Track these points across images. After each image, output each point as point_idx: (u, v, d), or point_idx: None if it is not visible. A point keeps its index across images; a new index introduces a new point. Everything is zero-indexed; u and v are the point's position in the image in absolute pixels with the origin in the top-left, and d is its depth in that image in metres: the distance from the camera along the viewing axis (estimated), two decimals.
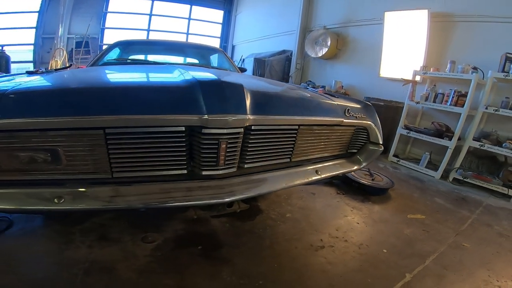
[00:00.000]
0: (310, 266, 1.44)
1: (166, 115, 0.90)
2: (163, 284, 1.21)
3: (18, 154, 0.82)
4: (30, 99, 0.84)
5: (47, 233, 1.54)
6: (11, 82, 1.16)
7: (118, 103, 0.87)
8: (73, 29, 7.42)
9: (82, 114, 0.81)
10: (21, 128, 0.79)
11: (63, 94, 0.90)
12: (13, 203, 0.84)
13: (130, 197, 0.92)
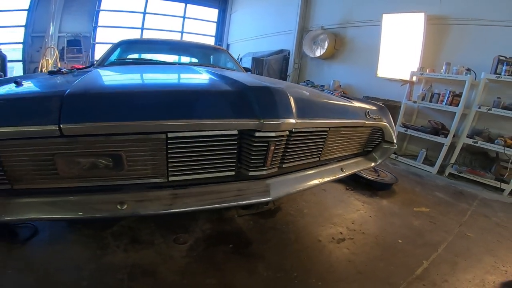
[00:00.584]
0: (336, 257, 1.55)
1: (225, 120, 0.95)
2: (207, 283, 1.26)
3: (80, 160, 0.84)
4: (94, 103, 0.85)
5: (78, 238, 1.53)
6: (56, 84, 1.19)
7: (180, 107, 0.91)
8: (64, 27, 7.19)
9: (147, 119, 0.84)
10: (87, 134, 0.81)
11: (129, 98, 0.91)
12: (75, 212, 0.85)
13: (188, 199, 0.97)
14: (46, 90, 1.03)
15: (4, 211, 0.80)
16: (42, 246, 1.46)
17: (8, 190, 0.83)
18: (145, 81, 1.34)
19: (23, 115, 0.75)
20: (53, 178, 0.84)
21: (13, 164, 0.80)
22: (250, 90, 1.03)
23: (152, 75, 1.47)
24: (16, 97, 0.83)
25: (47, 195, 0.85)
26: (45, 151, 0.79)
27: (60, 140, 0.78)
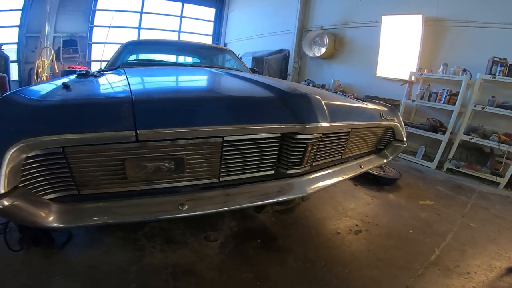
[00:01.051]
0: (356, 247, 1.68)
1: (272, 124, 1.05)
2: (244, 278, 1.36)
3: (146, 164, 0.90)
4: (163, 109, 0.90)
5: (113, 241, 1.57)
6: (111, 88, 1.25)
7: (234, 113, 1.01)
8: (60, 27, 7.06)
9: (208, 124, 0.92)
10: (159, 139, 0.87)
11: (192, 104, 0.98)
12: (141, 215, 0.91)
13: (239, 198, 1.06)
14: (109, 94, 1.08)
15: (73, 218, 0.84)
16: (80, 250, 1.50)
17: (75, 196, 0.88)
18: (192, 86, 1.42)
19: (97, 121, 0.79)
20: (119, 183, 0.91)
21: (82, 170, 0.85)
22: (292, 97, 1.14)
23: (188, 79, 1.55)
24: (88, 103, 0.87)
25: (114, 200, 0.90)
26: (116, 156, 0.86)
27: (133, 145, 0.85)
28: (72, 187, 0.86)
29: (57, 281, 1.26)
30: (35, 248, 1.40)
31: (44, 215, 0.78)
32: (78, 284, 1.25)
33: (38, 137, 0.71)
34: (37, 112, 0.77)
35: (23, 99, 0.82)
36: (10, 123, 0.74)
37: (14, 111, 0.77)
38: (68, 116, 0.78)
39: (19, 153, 0.71)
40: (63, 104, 0.83)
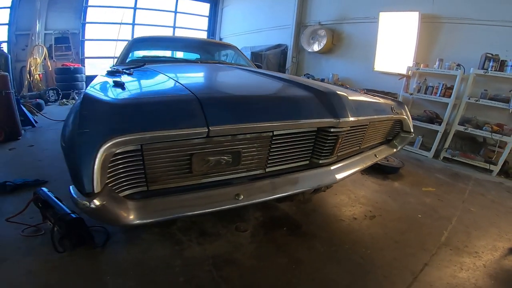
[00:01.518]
0: (373, 230, 1.83)
1: (311, 119, 1.16)
2: (280, 262, 1.47)
3: (209, 158, 0.98)
4: (227, 107, 0.99)
5: (150, 237, 1.61)
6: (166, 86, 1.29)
7: (282, 110, 1.11)
8: (50, 24, 6.84)
9: (262, 120, 1.02)
10: (225, 134, 0.95)
11: (249, 102, 1.08)
12: (205, 207, 0.97)
13: (285, 186, 1.17)
14: (173, 93, 1.11)
15: (150, 214, 0.89)
16: (121, 248, 1.53)
17: (144, 192, 0.94)
18: (236, 85, 1.50)
19: (173, 119, 0.86)
20: (184, 177, 0.99)
21: (154, 166, 0.92)
22: (327, 95, 1.26)
23: (224, 77, 1.62)
24: (162, 101, 0.93)
25: (180, 194, 0.97)
26: (185, 152, 0.94)
27: (201, 140, 0.93)
28: (143, 184, 0.93)
29: (110, 281, 1.29)
30: (80, 248, 1.44)
31: (125, 213, 0.84)
32: (133, 283, 1.28)
33: (127, 135, 0.77)
34: (122, 110, 0.83)
35: (103, 98, 0.88)
36: (99, 121, 0.79)
37: (101, 110, 0.82)
38: (149, 114, 0.85)
39: (108, 151, 0.76)
40: (142, 102, 0.90)
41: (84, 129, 0.74)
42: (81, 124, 0.75)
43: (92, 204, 0.74)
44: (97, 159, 0.74)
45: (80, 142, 0.74)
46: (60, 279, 1.28)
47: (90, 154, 0.72)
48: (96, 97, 0.88)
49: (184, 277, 1.34)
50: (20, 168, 2.53)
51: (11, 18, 6.48)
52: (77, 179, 0.75)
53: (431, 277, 1.44)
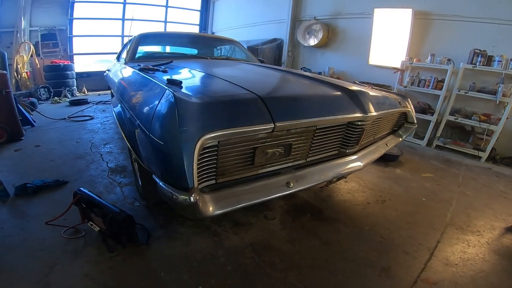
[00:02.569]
0: (387, 213, 2.03)
1: (345, 115, 1.31)
2: (312, 245, 1.62)
3: (268, 151, 1.10)
4: (286, 105, 1.11)
5: (189, 231, 1.69)
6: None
7: (324, 107, 1.25)
8: (36, 21, 6.51)
9: (310, 117, 1.15)
10: (284, 129, 1.06)
11: (300, 101, 1.20)
12: (264, 195, 1.10)
13: (324, 173, 1.32)
14: (237, 91, 1.18)
15: (223, 204, 0.98)
16: (164, 243, 1.58)
17: (212, 185, 1.03)
18: (279, 83, 1.62)
19: (246, 116, 0.97)
20: (246, 169, 1.10)
21: (225, 160, 1.02)
22: (355, 93, 1.41)
23: (255, 74, 1.72)
24: (235, 100, 1.02)
25: (242, 184, 1.08)
26: (251, 145, 1.05)
27: (265, 135, 1.04)
28: (213, 177, 1.03)
29: (165, 276, 1.34)
30: (128, 246, 1.49)
31: (205, 206, 0.93)
32: (186, 276, 1.35)
33: (216, 131, 0.86)
34: (210, 109, 0.91)
35: (187, 97, 0.94)
36: (194, 120, 0.85)
37: (192, 108, 0.88)
38: (229, 112, 0.95)
39: (199, 148, 0.85)
40: (222, 101, 0.98)
41: (183, 127, 0.82)
42: (181, 123, 0.82)
43: (192, 198, 0.83)
44: (195, 155, 0.83)
45: (179, 140, 0.81)
46: (118, 280, 1.31)
47: (190, 150, 0.81)
48: (184, 98, 0.92)
49: (231, 266, 1.44)
50: (33, 169, 2.51)
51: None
52: (176, 175, 0.84)
53: (446, 252, 1.64)
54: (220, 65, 2.42)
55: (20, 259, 1.41)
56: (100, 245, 1.51)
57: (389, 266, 1.47)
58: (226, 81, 1.33)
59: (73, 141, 3.33)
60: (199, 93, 1.03)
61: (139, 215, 1.80)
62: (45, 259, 1.41)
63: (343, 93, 1.42)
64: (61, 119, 4.37)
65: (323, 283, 1.36)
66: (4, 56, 3.75)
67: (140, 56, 2.90)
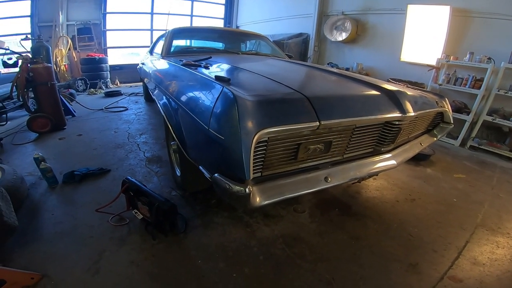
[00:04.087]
0: (416, 212, 2.03)
1: (382, 114, 1.34)
2: (340, 239, 1.68)
3: (309, 147, 1.16)
4: (329, 105, 1.17)
5: (224, 221, 1.79)
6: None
7: (364, 107, 1.29)
8: (72, 15, 6.93)
9: (350, 116, 1.20)
10: (328, 127, 1.11)
11: (342, 101, 1.25)
12: (307, 187, 1.16)
13: (360, 169, 1.37)
14: (283, 90, 1.25)
15: (269, 196, 1.06)
16: (201, 233, 1.67)
17: (258, 178, 1.11)
18: (318, 82, 1.70)
19: (294, 114, 1.04)
20: (289, 163, 1.17)
21: (272, 154, 1.10)
22: (394, 93, 1.43)
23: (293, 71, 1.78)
24: (283, 99, 1.10)
25: (286, 177, 1.15)
26: (295, 141, 1.12)
27: (309, 132, 1.11)
28: (259, 170, 1.11)
29: (202, 264, 1.44)
30: (169, 235, 1.60)
31: (254, 197, 1.01)
32: (222, 264, 1.44)
33: (270, 127, 0.94)
34: (264, 107, 0.99)
35: (245, 95, 1.02)
36: (252, 117, 0.94)
37: (248, 106, 0.96)
38: (280, 110, 1.03)
39: (255, 143, 0.93)
40: (273, 100, 1.06)
41: (243, 123, 0.91)
42: (241, 120, 0.91)
43: (247, 190, 0.92)
44: (251, 149, 0.91)
45: (239, 135, 0.90)
46: (160, 267, 1.41)
47: (248, 145, 0.90)
48: (242, 96, 1.00)
49: (263, 256, 1.53)
50: (77, 157, 2.71)
51: (32, 10, 6.57)
52: (235, 168, 0.93)
53: (474, 252, 1.64)
54: (253, 61, 2.49)
55: (72, 246, 1.54)
56: (143, 233, 1.63)
57: (417, 262, 1.51)
58: (269, 79, 1.40)
59: (111, 131, 3.58)
60: (253, 92, 1.10)
61: (177, 204, 1.88)
62: (94, 246, 1.54)
63: (382, 93, 1.44)
64: (98, 110, 4.69)
65: (351, 275, 1.43)
66: (49, 50, 4.05)
67: (175, 50, 3.04)
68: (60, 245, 1.55)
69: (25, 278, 1.30)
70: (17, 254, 1.46)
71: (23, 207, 1.89)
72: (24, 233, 1.62)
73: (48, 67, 3.39)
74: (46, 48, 3.95)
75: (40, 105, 3.42)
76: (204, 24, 8.37)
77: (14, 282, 1.28)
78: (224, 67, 1.78)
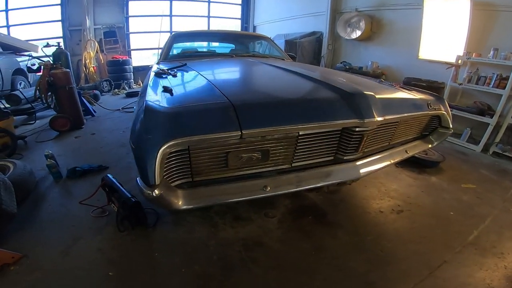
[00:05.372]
0: (399, 224, 1.87)
1: (335, 121, 1.26)
2: (303, 247, 1.63)
3: (242, 155, 1.16)
4: (257, 113, 1.14)
5: (194, 220, 1.86)
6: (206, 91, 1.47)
7: (307, 113, 1.23)
8: (98, 20, 7.48)
9: (288, 123, 1.15)
10: (254, 136, 1.11)
11: (276, 108, 1.21)
12: (239, 195, 1.17)
13: (309, 180, 1.30)
14: (211, 100, 1.24)
15: (195, 199, 1.10)
16: (170, 228, 1.78)
17: (189, 182, 1.15)
18: (267, 87, 1.65)
19: (213, 124, 1.05)
20: (222, 170, 1.18)
21: (198, 162, 1.12)
22: (352, 96, 1.32)
23: (256, 76, 1.76)
24: (203, 109, 1.11)
25: (218, 184, 1.17)
26: (222, 150, 1.12)
27: (235, 141, 1.10)
28: (189, 175, 1.14)
29: (160, 257, 1.54)
30: (136, 228, 1.72)
31: (176, 200, 1.06)
32: (178, 259, 1.52)
33: (178, 139, 0.97)
34: (174, 119, 1.02)
35: (162, 107, 1.08)
36: (158, 129, 0.99)
37: (159, 119, 1.02)
38: (194, 121, 1.04)
39: (165, 152, 0.97)
40: (190, 110, 1.09)
41: (148, 135, 0.96)
42: (146, 132, 0.97)
43: (153, 193, 0.97)
44: (157, 159, 0.96)
45: (145, 146, 0.96)
46: (121, 256, 1.55)
47: (153, 155, 0.94)
48: (154, 107, 1.07)
49: (217, 256, 1.56)
50: (85, 154, 2.96)
51: (63, 15, 7.18)
52: (143, 174, 0.98)
53: (447, 273, 1.47)
54: (231, 65, 2.46)
55: (56, 232, 1.73)
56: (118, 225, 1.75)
57: (375, 281, 1.39)
58: (215, 87, 1.39)
59: (120, 131, 3.83)
60: (176, 102, 1.13)
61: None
62: (73, 233, 1.72)
63: (338, 96, 1.34)
64: (116, 110, 5.04)
65: (298, 286, 1.38)
66: (68, 56, 4.45)
67: (173, 55, 3.15)
68: (47, 231, 1.76)
69: (7, 257, 1.50)
70: (11, 237, 1.68)
71: (29, 197, 2.14)
72: (23, 220, 1.85)
73: (66, 72, 3.73)
74: (65, 54, 4.35)
75: (60, 107, 3.79)
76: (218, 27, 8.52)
77: None
78: (187, 75, 1.79)
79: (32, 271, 1.44)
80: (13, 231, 1.73)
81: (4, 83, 4.57)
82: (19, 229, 1.75)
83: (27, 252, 1.56)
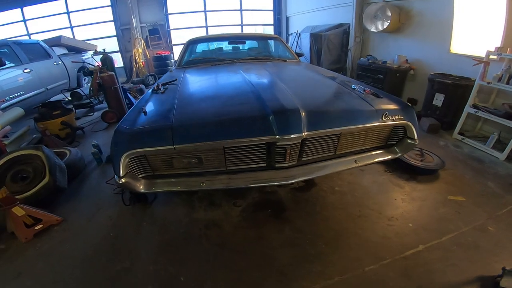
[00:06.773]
0: (348, 230, 1.99)
1: (255, 138, 1.55)
2: (248, 234, 1.97)
3: (183, 160, 1.62)
4: (188, 132, 1.56)
5: (180, 201, 2.40)
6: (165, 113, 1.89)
7: (231, 131, 1.55)
8: (143, 18, 8.41)
9: (215, 139, 1.53)
10: (186, 149, 1.56)
11: (203, 127, 1.59)
12: (182, 186, 1.68)
13: (238, 180, 1.65)
14: (160, 121, 1.68)
15: (152, 186, 1.66)
16: (160, 206, 2.35)
17: (151, 175, 1.69)
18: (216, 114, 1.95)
19: (156, 140, 1.54)
20: (171, 169, 1.67)
21: (153, 162, 1.63)
22: (272, 113, 1.56)
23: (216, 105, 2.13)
24: (150, 130, 1.59)
25: (169, 177, 1.69)
26: (167, 156, 1.60)
27: (174, 151, 1.55)
28: (150, 171, 1.66)
29: (145, 226, 2.11)
30: (138, 204, 2.33)
31: (139, 185, 1.61)
32: (156, 228, 2.07)
33: (135, 150, 1.51)
34: (133, 137, 1.54)
35: (124, 129, 1.61)
36: (122, 143, 1.55)
37: (123, 136, 1.57)
38: (146, 138, 1.55)
39: (128, 157, 1.52)
40: (141, 131, 1.59)
41: (116, 147, 1.53)
42: (115, 144, 1.56)
43: (120, 181, 1.53)
44: (121, 161, 1.51)
45: (115, 153, 1.53)
46: (121, 222, 2.18)
47: (118, 159, 1.51)
48: (121, 129, 1.63)
49: (184, 229, 2.05)
50: None
51: (114, 15, 8.30)
52: (114, 169, 1.56)
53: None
54: (212, 79, 2.77)
55: (88, 203, 2.43)
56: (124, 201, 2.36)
57: (286, 273, 1.65)
58: (173, 108, 1.78)
59: None
60: (138, 124, 1.63)
61: None
62: (98, 205, 2.40)
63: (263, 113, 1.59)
64: None
65: (230, 262, 1.75)
66: (112, 60, 5.33)
67: (187, 60, 3.62)
68: (83, 203, 2.47)
69: (53, 220, 2.21)
70: (60, 205, 2.43)
71: (79, 177, 2.95)
72: (70, 193, 2.61)
73: (111, 75, 4.57)
74: (109, 59, 5.25)
75: (108, 103, 4.71)
76: (250, 21, 8.73)
77: (46, 221, 2.18)
78: (165, 97, 2.14)
79: (65, 230, 2.12)
80: (63, 201, 2.48)
81: (71, 81, 5.79)
82: (66, 200, 2.50)
83: (67, 217, 2.26)
